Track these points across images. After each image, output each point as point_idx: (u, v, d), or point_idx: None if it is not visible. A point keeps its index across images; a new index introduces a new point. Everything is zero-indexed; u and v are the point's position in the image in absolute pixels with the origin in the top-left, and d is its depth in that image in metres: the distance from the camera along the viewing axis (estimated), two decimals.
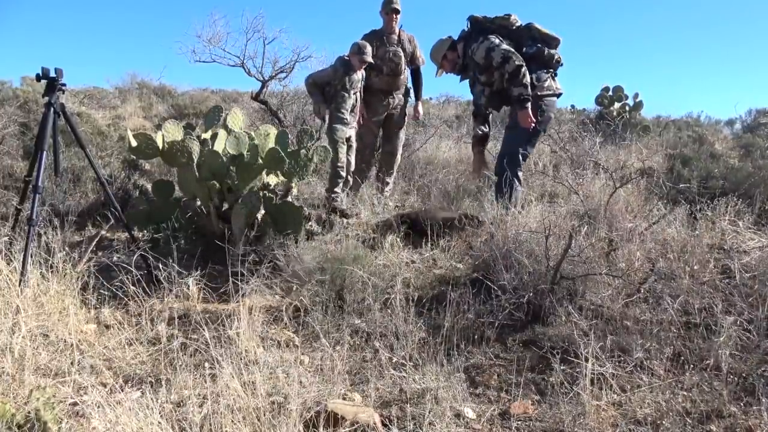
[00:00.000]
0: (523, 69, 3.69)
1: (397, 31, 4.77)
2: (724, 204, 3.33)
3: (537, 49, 3.86)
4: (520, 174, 3.86)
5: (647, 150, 6.70)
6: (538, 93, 3.84)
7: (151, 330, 2.31)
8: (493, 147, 5.57)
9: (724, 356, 1.97)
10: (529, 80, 3.72)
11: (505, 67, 3.70)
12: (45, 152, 2.62)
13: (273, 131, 3.71)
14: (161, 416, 1.50)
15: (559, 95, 3.99)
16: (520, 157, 3.86)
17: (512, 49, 3.73)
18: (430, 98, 12.53)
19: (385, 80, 4.75)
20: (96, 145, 5.53)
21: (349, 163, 4.71)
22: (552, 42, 3.89)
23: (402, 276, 3.06)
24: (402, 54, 4.73)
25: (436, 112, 10.45)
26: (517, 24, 3.92)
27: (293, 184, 3.85)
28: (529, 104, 3.75)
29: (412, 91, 5.02)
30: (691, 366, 2.00)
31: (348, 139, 4.60)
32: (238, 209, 3.20)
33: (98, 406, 1.53)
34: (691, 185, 4.64)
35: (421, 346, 2.15)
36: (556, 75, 3.97)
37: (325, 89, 4.56)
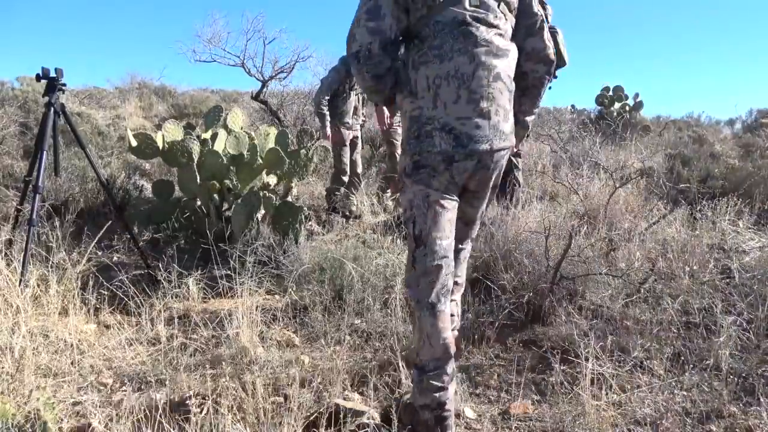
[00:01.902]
0: None
1: None
2: (724, 204, 3.33)
3: None
4: (517, 173, 3.84)
5: (647, 150, 6.70)
6: None
7: (151, 330, 2.31)
8: None
9: (723, 356, 1.97)
10: None
11: None
12: (45, 152, 2.62)
13: (273, 131, 3.71)
14: (161, 416, 1.50)
15: None
16: (510, 156, 3.81)
17: None
18: None
19: None
20: (96, 145, 5.53)
21: (354, 164, 4.66)
22: (557, 60, 3.77)
23: (402, 276, 3.06)
24: None
25: None
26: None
27: (293, 184, 3.85)
28: None
29: None
30: (691, 366, 2.00)
31: (352, 141, 4.56)
32: (238, 209, 3.20)
33: (98, 406, 1.53)
34: (691, 185, 4.64)
35: None
36: None
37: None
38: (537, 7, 1.79)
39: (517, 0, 1.75)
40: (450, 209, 1.68)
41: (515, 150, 3.84)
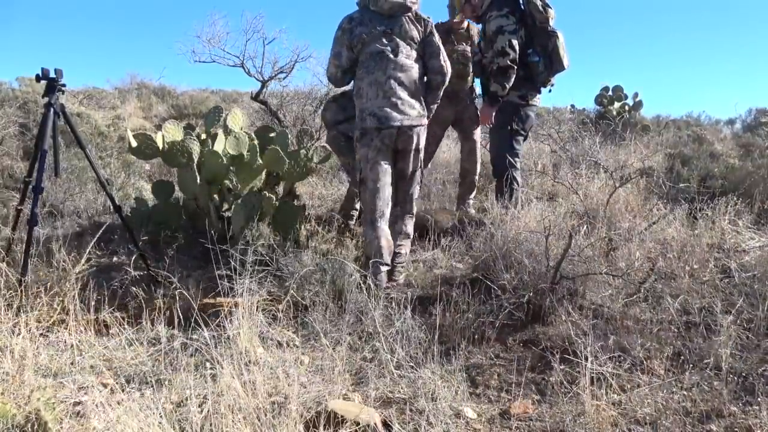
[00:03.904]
0: (511, 71, 3.56)
1: (466, 24, 4.19)
2: (723, 203, 3.33)
3: (537, 63, 3.68)
4: (516, 174, 3.82)
5: (647, 149, 6.70)
6: (521, 102, 3.79)
7: (151, 330, 2.31)
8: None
9: (724, 356, 1.97)
10: (509, 84, 3.60)
11: (498, 59, 3.57)
12: (45, 153, 2.62)
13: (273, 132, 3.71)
14: (161, 416, 1.50)
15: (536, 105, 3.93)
16: (509, 157, 3.76)
17: (516, 45, 3.57)
18: None
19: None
20: (96, 146, 5.53)
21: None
22: (556, 64, 3.70)
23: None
24: (470, 54, 4.13)
25: None
26: (548, 24, 3.67)
27: (294, 185, 3.85)
28: (497, 105, 3.66)
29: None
30: (691, 365, 2.00)
31: None
32: (238, 209, 3.20)
33: (99, 406, 1.53)
34: (690, 185, 4.64)
35: (421, 346, 2.14)
36: (540, 93, 3.87)
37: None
38: (437, 41, 3.01)
39: (418, 35, 2.96)
40: (381, 162, 2.89)
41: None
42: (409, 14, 2.95)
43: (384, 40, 2.88)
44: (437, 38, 3.02)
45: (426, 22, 2.99)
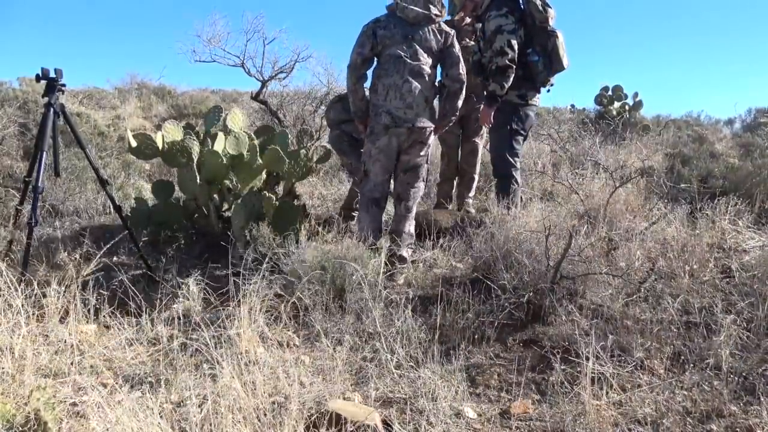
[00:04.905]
0: (510, 71, 3.53)
1: (469, 20, 4.12)
2: (724, 203, 3.33)
3: (537, 63, 3.66)
4: (516, 173, 3.81)
5: (647, 149, 6.70)
6: (520, 102, 3.78)
7: (151, 330, 2.30)
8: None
9: (724, 355, 1.97)
10: (508, 84, 3.57)
11: (496, 59, 3.54)
12: (45, 152, 2.62)
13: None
14: (161, 416, 1.50)
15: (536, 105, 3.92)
16: (509, 156, 3.74)
17: (515, 45, 3.55)
18: None
19: None
20: (96, 146, 5.53)
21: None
22: (555, 64, 3.68)
23: (403, 275, 3.06)
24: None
25: None
26: (547, 24, 3.65)
27: (294, 185, 3.84)
28: (495, 104, 3.63)
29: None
30: (692, 365, 2.00)
31: None
32: (238, 209, 3.20)
33: (98, 407, 1.53)
34: (691, 185, 4.64)
35: (421, 346, 2.14)
36: (539, 93, 3.85)
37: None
38: (457, 52, 3.22)
39: (436, 47, 3.18)
40: (382, 161, 3.17)
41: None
42: (433, 26, 3.17)
43: (404, 46, 3.11)
44: (457, 49, 3.21)
45: (447, 35, 3.21)
